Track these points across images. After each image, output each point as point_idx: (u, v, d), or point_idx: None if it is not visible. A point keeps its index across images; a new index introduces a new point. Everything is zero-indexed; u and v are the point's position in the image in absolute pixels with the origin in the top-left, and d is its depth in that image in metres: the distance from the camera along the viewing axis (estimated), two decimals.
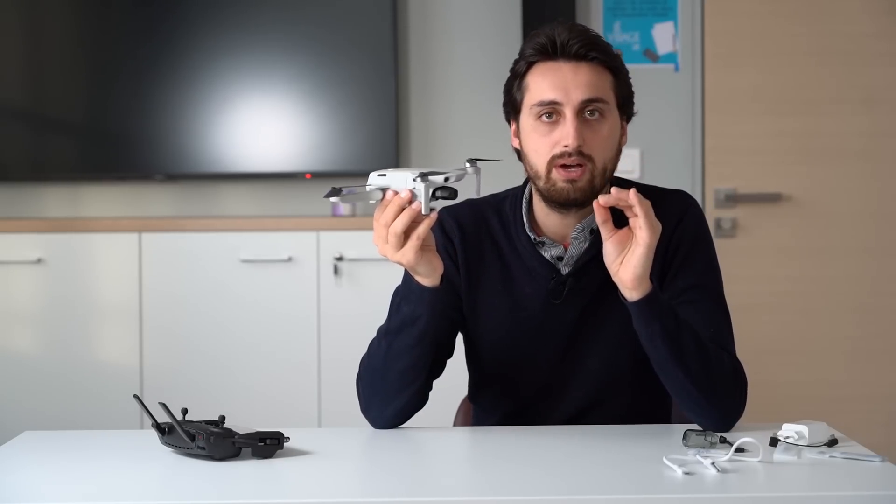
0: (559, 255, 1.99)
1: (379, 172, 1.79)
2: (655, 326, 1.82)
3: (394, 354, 1.91)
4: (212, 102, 4.16)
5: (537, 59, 1.94)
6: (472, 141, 4.23)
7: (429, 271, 1.84)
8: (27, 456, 1.78)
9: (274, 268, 3.92)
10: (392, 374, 1.92)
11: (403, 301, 1.90)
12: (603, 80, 1.93)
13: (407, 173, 1.76)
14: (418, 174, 1.75)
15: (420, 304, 1.87)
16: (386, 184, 1.78)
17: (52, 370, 3.91)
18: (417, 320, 1.88)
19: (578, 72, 1.91)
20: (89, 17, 4.19)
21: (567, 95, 1.90)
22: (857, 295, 4.15)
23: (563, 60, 1.92)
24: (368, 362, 1.97)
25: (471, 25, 4.24)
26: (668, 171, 4.17)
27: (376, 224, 1.79)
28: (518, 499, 1.53)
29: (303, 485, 1.62)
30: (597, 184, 1.92)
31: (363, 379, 1.98)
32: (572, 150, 1.89)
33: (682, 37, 4.22)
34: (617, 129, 1.96)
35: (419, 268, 1.83)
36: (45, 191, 4.27)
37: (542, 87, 1.92)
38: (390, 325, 1.92)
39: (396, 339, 1.91)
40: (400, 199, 1.76)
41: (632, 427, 1.93)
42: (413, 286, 1.87)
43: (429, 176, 1.75)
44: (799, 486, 1.59)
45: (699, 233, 2.01)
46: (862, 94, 4.14)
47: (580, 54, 1.92)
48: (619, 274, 1.81)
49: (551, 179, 1.92)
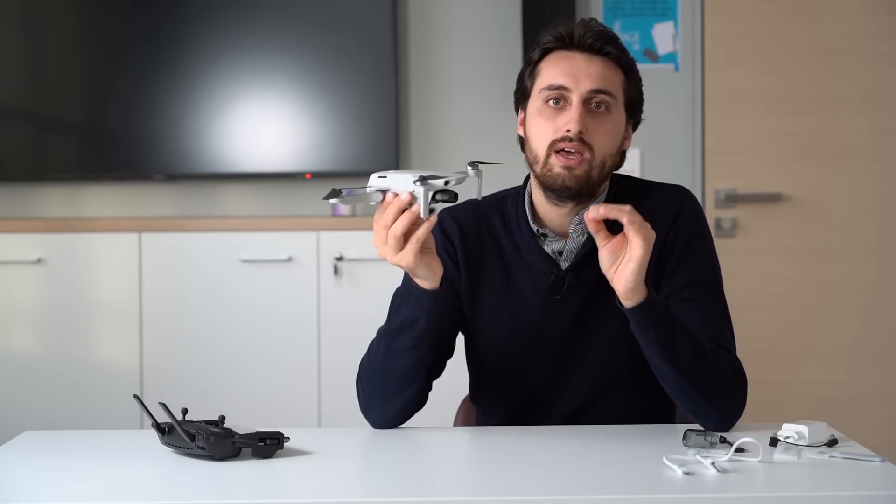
0: (560, 249, 2.00)
1: (379, 174, 1.78)
2: (650, 333, 1.82)
3: (393, 356, 1.91)
4: (212, 102, 4.16)
5: (553, 48, 1.97)
6: (471, 141, 4.23)
7: (428, 274, 1.84)
8: (27, 456, 1.78)
9: (274, 268, 3.92)
10: (392, 375, 1.92)
11: (403, 303, 1.90)
12: (614, 76, 1.95)
13: (407, 175, 1.76)
14: (418, 177, 1.75)
15: (419, 306, 1.87)
16: (386, 186, 1.78)
17: (52, 370, 3.91)
18: (417, 322, 1.88)
19: (591, 63, 1.94)
20: (89, 17, 4.19)
21: (576, 83, 1.93)
22: (857, 295, 4.15)
23: (577, 51, 1.96)
24: (368, 363, 1.97)
25: (471, 26, 4.24)
26: (668, 171, 4.17)
27: (376, 226, 1.79)
28: (518, 499, 1.53)
29: (303, 485, 1.62)
30: (594, 176, 1.93)
31: (363, 379, 1.98)
32: (574, 135, 1.91)
33: (682, 37, 4.22)
34: (621, 126, 1.97)
35: (418, 270, 1.83)
36: (45, 191, 4.27)
37: (553, 72, 1.95)
38: (390, 326, 1.92)
39: (396, 340, 1.91)
40: (400, 202, 1.75)
41: (632, 427, 1.93)
42: (412, 288, 1.87)
43: (429, 179, 1.75)
44: (799, 486, 1.59)
45: (697, 228, 2.00)
46: (862, 94, 4.14)
47: (595, 47, 1.95)
48: (614, 282, 1.81)
49: (549, 164, 1.93)
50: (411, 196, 1.75)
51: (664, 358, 1.83)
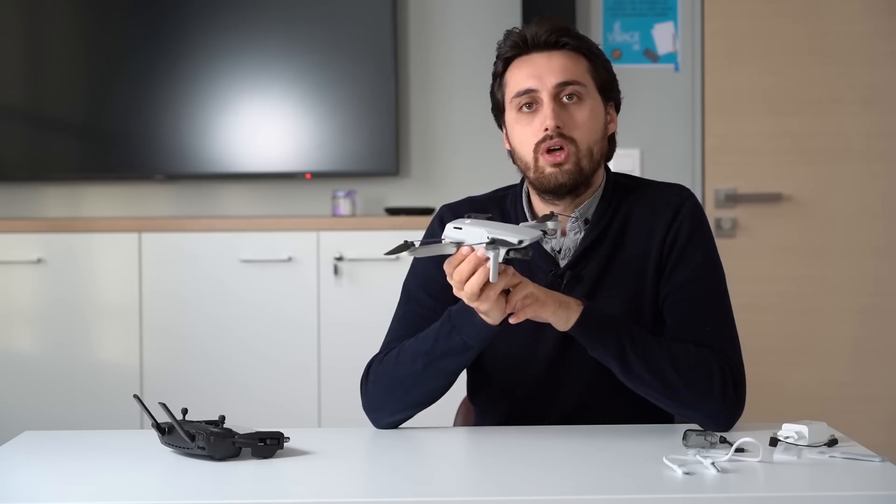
0: (559, 247, 2.00)
1: (455, 224, 1.75)
2: (596, 352, 1.86)
3: (430, 375, 1.91)
4: (212, 102, 4.15)
5: (512, 56, 1.99)
6: (471, 141, 4.23)
7: (497, 316, 1.83)
8: (27, 456, 1.78)
9: (274, 268, 3.91)
10: (420, 390, 1.92)
11: (456, 329, 1.87)
12: (577, 65, 1.97)
13: (482, 230, 1.72)
14: (489, 239, 1.70)
15: (477, 338, 1.87)
16: (460, 239, 1.74)
17: (52, 370, 3.91)
18: (468, 352, 1.88)
19: (552, 59, 1.96)
20: (89, 17, 4.19)
21: (542, 82, 1.95)
22: (857, 295, 4.15)
23: (535, 52, 1.97)
24: (394, 371, 1.95)
25: (471, 26, 4.24)
26: (668, 171, 4.17)
27: (452, 278, 1.76)
28: (518, 499, 1.53)
29: (303, 485, 1.62)
30: (584, 165, 1.95)
31: (378, 383, 1.96)
32: (552, 131, 1.92)
33: (682, 37, 4.22)
34: (598, 112, 1.98)
35: (491, 313, 1.81)
36: (45, 191, 4.27)
37: (518, 78, 1.97)
38: (435, 347, 1.90)
39: (440, 362, 1.90)
40: (475, 259, 1.73)
41: (632, 427, 1.93)
42: (475, 320, 1.85)
43: (500, 241, 1.70)
44: (799, 486, 1.59)
45: (696, 227, 1.99)
46: (862, 94, 4.14)
47: (551, 42, 1.97)
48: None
49: (539, 167, 1.94)
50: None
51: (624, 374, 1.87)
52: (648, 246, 1.98)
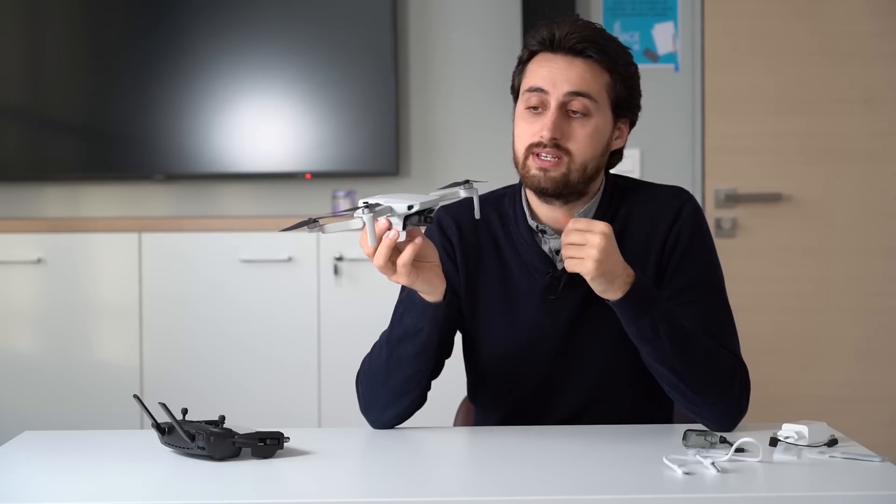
0: (557, 248, 2.00)
1: (365, 200, 1.76)
2: (632, 328, 1.85)
3: (395, 364, 1.91)
4: (212, 102, 4.15)
5: (538, 50, 1.97)
6: (471, 140, 4.23)
7: (429, 289, 1.84)
8: (27, 456, 1.78)
9: (274, 268, 3.91)
10: (393, 381, 1.93)
11: (406, 312, 1.90)
12: (596, 79, 1.94)
13: (396, 199, 1.75)
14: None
15: (422, 317, 1.87)
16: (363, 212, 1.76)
17: (52, 370, 3.91)
18: (419, 333, 1.88)
19: (571, 66, 1.94)
20: (89, 17, 4.19)
21: (554, 86, 1.93)
22: (857, 295, 4.15)
23: (560, 54, 1.95)
24: (370, 366, 1.97)
25: (471, 25, 4.24)
26: (668, 171, 4.17)
27: (366, 254, 1.81)
28: (518, 499, 1.53)
29: (303, 485, 1.62)
30: (573, 178, 1.93)
31: (363, 381, 1.98)
32: (547, 141, 1.92)
33: (682, 37, 4.22)
34: (603, 130, 1.96)
35: (417, 286, 1.84)
36: (45, 191, 4.27)
37: (535, 75, 1.96)
38: (392, 334, 1.92)
39: (398, 348, 1.91)
40: (373, 232, 1.76)
41: (632, 427, 1.93)
42: (416, 299, 1.87)
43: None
44: (799, 486, 1.59)
45: (696, 230, 2.00)
46: (863, 93, 4.14)
47: (576, 49, 1.94)
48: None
49: (527, 166, 1.95)
50: (389, 222, 1.76)
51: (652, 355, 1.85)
52: (648, 248, 1.98)
